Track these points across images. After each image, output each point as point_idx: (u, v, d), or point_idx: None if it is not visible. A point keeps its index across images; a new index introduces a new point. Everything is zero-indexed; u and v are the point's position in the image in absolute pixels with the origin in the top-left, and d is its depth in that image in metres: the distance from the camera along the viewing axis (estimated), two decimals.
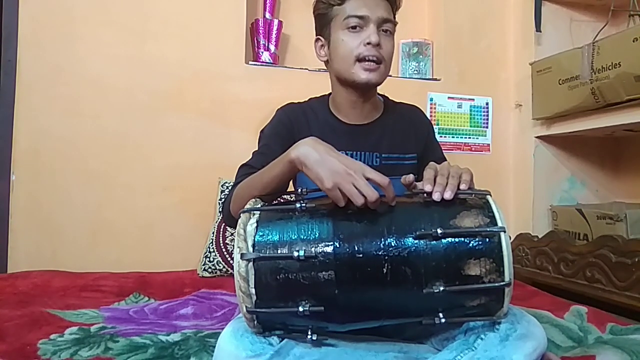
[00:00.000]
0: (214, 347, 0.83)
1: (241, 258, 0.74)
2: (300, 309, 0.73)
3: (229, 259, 1.71)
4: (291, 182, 1.15)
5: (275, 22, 1.99)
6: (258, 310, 0.75)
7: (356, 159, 1.11)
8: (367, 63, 1.04)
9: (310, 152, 0.83)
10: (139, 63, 1.86)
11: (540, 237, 1.85)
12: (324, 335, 0.80)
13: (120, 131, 1.84)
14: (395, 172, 1.13)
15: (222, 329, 0.84)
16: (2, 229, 1.73)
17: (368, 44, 1.02)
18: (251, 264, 0.74)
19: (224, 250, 1.72)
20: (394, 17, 1.09)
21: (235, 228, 0.80)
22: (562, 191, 2.15)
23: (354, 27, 1.04)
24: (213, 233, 1.77)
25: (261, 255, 0.74)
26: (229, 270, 1.70)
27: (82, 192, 1.80)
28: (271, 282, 0.74)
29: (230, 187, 1.07)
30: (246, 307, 0.75)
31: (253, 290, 0.74)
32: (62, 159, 1.79)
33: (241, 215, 0.80)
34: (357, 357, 0.81)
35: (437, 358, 0.78)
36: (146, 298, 1.49)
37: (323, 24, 1.10)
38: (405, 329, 0.92)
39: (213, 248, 1.73)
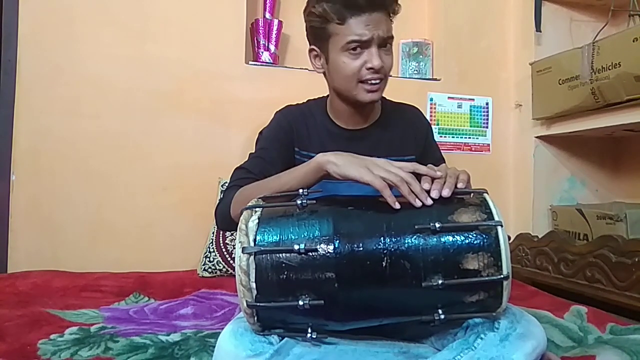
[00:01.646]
0: (214, 347, 0.83)
1: (242, 252, 0.75)
2: (300, 302, 0.73)
3: (229, 259, 1.71)
4: None
5: (275, 22, 1.99)
6: (258, 304, 0.75)
7: None
8: (369, 85, 1.03)
9: (337, 156, 0.87)
10: (139, 63, 1.86)
11: (540, 237, 1.85)
12: (324, 334, 0.80)
13: (120, 131, 1.84)
14: None
15: (222, 329, 0.84)
16: (2, 229, 1.73)
17: (370, 68, 1.01)
18: (252, 257, 0.75)
19: (224, 250, 1.72)
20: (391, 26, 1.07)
21: (230, 231, 0.80)
22: (562, 191, 2.15)
23: (354, 49, 1.01)
24: (213, 233, 1.77)
25: (262, 249, 0.75)
26: (229, 270, 1.70)
27: (82, 192, 1.80)
28: (272, 276, 0.75)
29: (224, 190, 1.06)
30: (246, 301, 0.75)
31: (254, 285, 0.75)
32: (62, 159, 1.78)
33: (243, 212, 0.81)
34: (356, 356, 0.81)
35: (437, 358, 0.78)
36: (146, 298, 1.49)
37: (319, 38, 1.07)
38: (405, 329, 0.92)
39: (213, 248, 1.73)
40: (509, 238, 0.78)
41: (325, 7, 1.01)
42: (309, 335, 0.77)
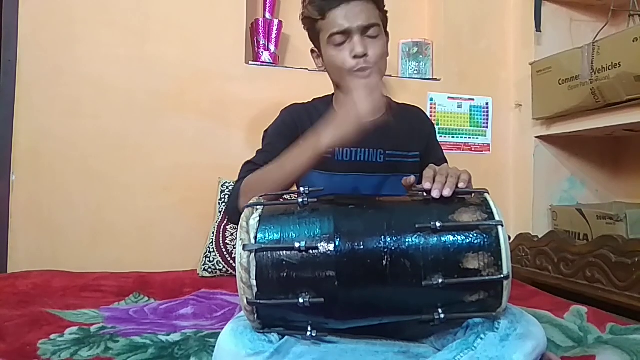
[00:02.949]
0: (214, 347, 0.83)
1: (243, 249, 0.75)
2: (301, 300, 0.73)
3: (229, 259, 1.71)
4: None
5: (275, 22, 1.99)
6: (258, 301, 0.75)
7: (360, 156, 1.13)
8: (358, 73, 1.04)
9: (325, 134, 0.90)
10: (139, 63, 1.86)
11: (540, 237, 1.85)
12: (324, 332, 0.80)
13: (120, 131, 1.84)
14: (399, 170, 1.14)
15: (222, 328, 0.84)
16: (2, 229, 1.73)
17: (355, 56, 1.03)
18: (253, 255, 0.75)
19: (224, 250, 1.72)
20: (382, 10, 1.08)
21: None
22: (562, 191, 2.15)
23: (339, 42, 1.04)
24: (213, 233, 1.77)
25: (263, 246, 0.75)
26: (229, 270, 1.70)
27: (82, 192, 1.80)
28: (272, 274, 0.75)
29: (233, 185, 1.07)
30: (247, 298, 0.75)
31: (254, 282, 0.75)
32: (62, 159, 1.78)
33: (244, 210, 0.81)
34: (357, 356, 0.81)
35: (437, 358, 0.78)
36: (146, 298, 1.49)
37: (313, 38, 1.12)
38: (405, 329, 0.92)
39: (213, 248, 1.73)
40: (509, 238, 0.78)
41: (309, 7, 1.06)
42: (308, 333, 0.77)
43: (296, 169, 0.94)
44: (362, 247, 0.75)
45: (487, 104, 2.24)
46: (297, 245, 0.74)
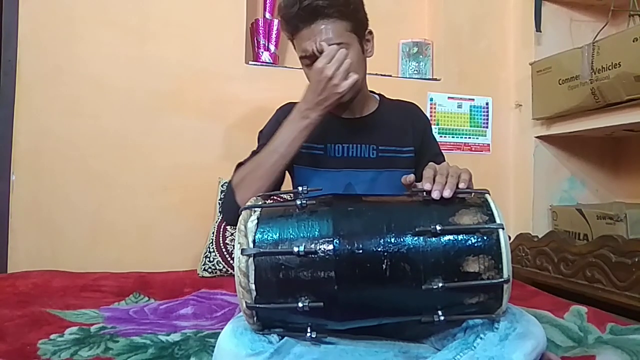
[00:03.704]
0: (214, 347, 0.83)
1: (241, 253, 0.75)
2: (300, 304, 0.73)
3: (229, 259, 1.71)
4: (291, 182, 1.16)
5: (275, 22, 1.99)
6: (257, 305, 0.75)
7: (352, 152, 1.14)
8: None
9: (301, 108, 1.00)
10: (139, 63, 1.86)
11: (540, 237, 1.85)
12: (324, 333, 0.80)
13: (120, 131, 1.84)
14: (392, 165, 1.14)
15: (222, 328, 0.84)
16: (2, 229, 1.73)
17: None
18: (251, 259, 0.75)
19: (224, 250, 1.72)
20: (352, 19, 1.05)
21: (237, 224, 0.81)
22: (562, 191, 2.15)
23: (307, 64, 1.07)
24: (213, 233, 1.77)
25: (261, 250, 0.75)
26: (229, 270, 1.70)
27: (82, 192, 1.80)
28: (271, 278, 0.74)
29: (227, 186, 1.07)
30: (246, 302, 0.75)
31: (253, 286, 0.75)
32: (62, 159, 1.78)
33: (242, 212, 0.80)
34: (356, 356, 0.81)
35: (437, 357, 0.78)
36: (146, 298, 1.49)
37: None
38: (404, 329, 0.92)
39: (213, 248, 1.73)
40: (509, 238, 0.77)
41: (282, 24, 1.10)
42: (308, 334, 0.77)
43: (290, 148, 0.98)
44: (361, 249, 0.74)
45: (487, 104, 2.24)
46: (295, 249, 0.73)
